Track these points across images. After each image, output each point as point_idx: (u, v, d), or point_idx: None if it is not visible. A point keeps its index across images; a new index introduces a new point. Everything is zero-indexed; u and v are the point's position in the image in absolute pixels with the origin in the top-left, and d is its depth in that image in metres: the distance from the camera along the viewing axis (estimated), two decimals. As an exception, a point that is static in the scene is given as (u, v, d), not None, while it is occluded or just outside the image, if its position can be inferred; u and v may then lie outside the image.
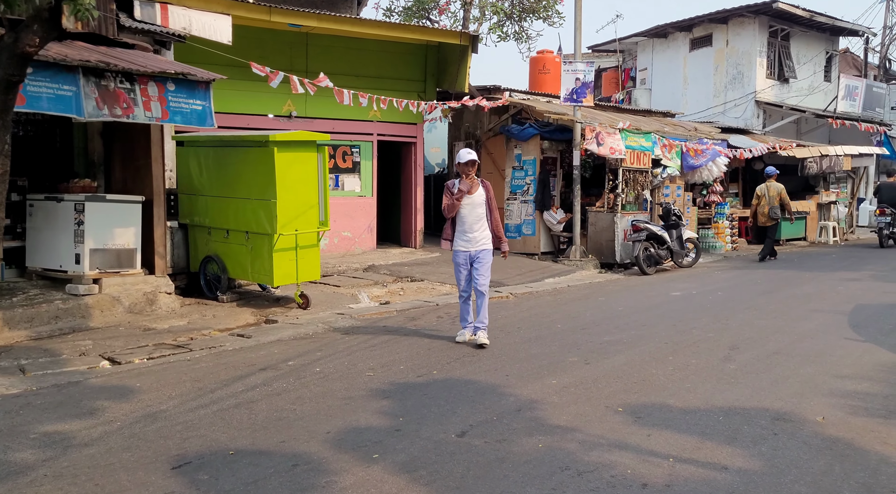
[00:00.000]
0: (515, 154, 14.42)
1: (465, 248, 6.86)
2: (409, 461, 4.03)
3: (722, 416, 4.80)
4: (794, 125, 22.54)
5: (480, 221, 6.87)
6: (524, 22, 20.33)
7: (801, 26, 22.07)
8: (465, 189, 6.76)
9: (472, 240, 6.84)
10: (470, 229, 6.83)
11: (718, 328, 7.73)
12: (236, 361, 6.30)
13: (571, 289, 10.84)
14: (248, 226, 8.52)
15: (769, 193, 15.08)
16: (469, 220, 6.84)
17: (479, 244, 6.85)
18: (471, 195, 6.78)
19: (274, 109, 12.26)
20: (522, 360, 6.33)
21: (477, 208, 6.84)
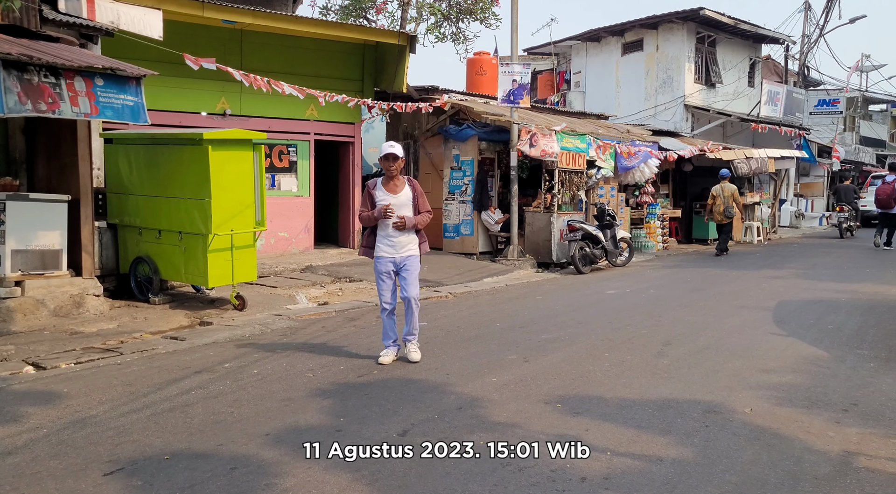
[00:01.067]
0: (453, 155, 14.49)
1: (388, 254, 6.10)
2: (351, 461, 4.00)
3: (656, 410, 4.94)
4: (720, 128, 23.37)
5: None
6: (461, 23, 20.46)
7: (726, 33, 22.92)
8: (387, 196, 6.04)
9: (397, 244, 6.07)
10: (394, 232, 6.06)
11: (651, 324, 7.95)
12: (170, 364, 6.13)
13: (510, 288, 10.96)
14: (182, 226, 8.31)
15: (724, 193, 16.09)
16: (391, 222, 6.08)
17: (404, 250, 6.08)
18: (395, 195, 6.04)
19: (207, 107, 11.99)
20: (463, 359, 6.36)
21: (402, 210, 6.05)
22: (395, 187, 6.07)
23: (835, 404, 5.09)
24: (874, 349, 6.80)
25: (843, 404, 5.09)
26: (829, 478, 3.80)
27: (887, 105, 42.60)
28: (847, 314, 8.57)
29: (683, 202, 19.84)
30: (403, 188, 6.10)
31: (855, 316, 8.39)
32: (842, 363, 6.24)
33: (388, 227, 6.04)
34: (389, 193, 6.04)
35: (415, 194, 6.12)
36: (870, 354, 6.58)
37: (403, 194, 6.09)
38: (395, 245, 6.08)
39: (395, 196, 6.03)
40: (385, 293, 6.18)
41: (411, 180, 6.19)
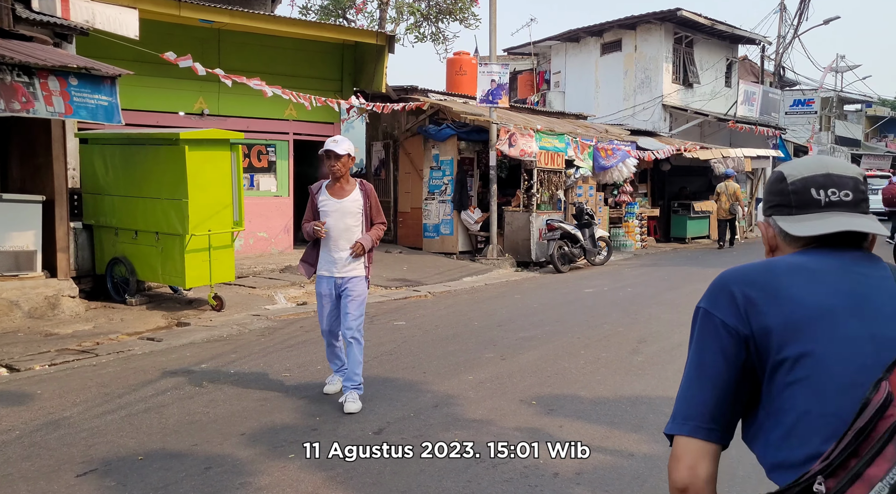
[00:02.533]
0: (433, 154, 14.52)
1: (328, 272, 5.04)
2: (326, 459, 4.02)
3: (629, 406, 5.01)
4: (698, 128, 23.59)
5: (352, 236, 5.01)
6: (441, 23, 20.50)
7: (703, 34, 23.14)
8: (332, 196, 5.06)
9: (339, 262, 4.99)
10: (336, 246, 4.99)
11: (628, 322, 8.04)
12: (146, 365, 6.11)
13: (489, 287, 11.02)
14: (159, 226, 8.27)
15: (727, 191, 17.20)
16: (335, 233, 4.99)
17: (347, 269, 5.00)
18: (340, 201, 5.00)
19: (185, 107, 11.92)
20: (440, 357, 6.40)
21: (347, 218, 4.99)
22: (342, 191, 5.04)
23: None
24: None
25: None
26: (796, 471, 3.88)
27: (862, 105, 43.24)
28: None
29: (662, 201, 20.03)
30: (352, 192, 5.05)
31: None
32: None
33: (331, 240, 5.01)
34: (334, 197, 5.01)
35: (366, 200, 5.08)
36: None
37: (351, 200, 5.03)
38: (337, 263, 5.01)
39: (339, 202, 5.01)
40: (324, 319, 5.16)
41: (364, 184, 5.15)
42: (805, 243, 1.44)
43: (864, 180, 1.43)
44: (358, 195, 5.07)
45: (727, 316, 1.38)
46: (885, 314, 1.31)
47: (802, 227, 1.41)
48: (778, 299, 1.35)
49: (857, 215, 1.40)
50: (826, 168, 1.43)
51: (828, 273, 1.37)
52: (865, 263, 1.40)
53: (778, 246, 1.50)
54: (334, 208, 5.00)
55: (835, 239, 1.41)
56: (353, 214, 5.03)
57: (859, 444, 1.17)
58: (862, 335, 1.29)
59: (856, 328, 1.30)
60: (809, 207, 1.42)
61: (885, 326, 1.30)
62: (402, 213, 15.74)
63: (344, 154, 4.92)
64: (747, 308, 1.36)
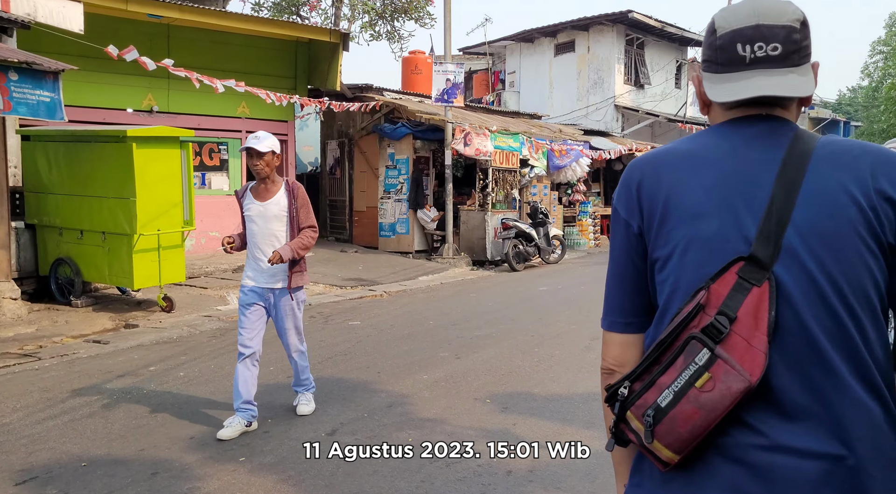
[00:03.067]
0: (388, 153, 14.48)
1: (253, 281, 4.57)
2: (278, 461, 3.97)
3: (582, 402, 5.07)
4: (649, 129, 24.01)
5: (277, 243, 4.56)
6: (396, 22, 20.43)
7: (654, 36, 23.55)
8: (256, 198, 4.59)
9: (265, 271, 4.54)
10: (262, 253, 4.54)
11: (581, 320, 8.13)
12: (91, 368, 5.94)
13: (444, 286, 11.03)
14: (105, 226, 8.05)
15: None
16: (259, 239, 4.55)
17: (273, 280, 4.54)
18: (264, 204, 4.55)
19: (133, 104, 11.64)
20: (394, 357, 6.38)
21: (271, 223, 4.54)
22: (267, 193, 4.57)
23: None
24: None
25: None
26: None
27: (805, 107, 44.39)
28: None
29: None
30: (276, 194, 4.57)
31: (772, 309, 8.79)
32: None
33: (256, 247, 4.56)
34: (258, 200, 4.56)
35: (292, 201, 4.58)
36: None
37: (274, 202, 4.56)
38: (264, 272, 4.54)
39: (263, 205, 4.54)
40: (243, 332, 4.53)
41: (292, 184, 4.64)
42: (731, 106, 1.33)
43: (800, 26, 1.26)
44: (283, 197, 4.56)
45: (623, 209, 1.37)
46: (752, 209, 1.22)
47: (718, 91, 1.29)
48: (658, 196, 1.30)
49: (781, 73, 1.25)
50: (757, 17, 1.26)
51: (713, 163, 1.28)
52: (767, 140, 1.28)
53: (710, 103, 1.37)
54: (257, 211, 4.54)
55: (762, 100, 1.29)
56: (277, 217, 4.54)
57: (661, 353, 1.22)
58: (719, 237, 1.23)
59: (716, 228, 1.23)
60: (734, 65, 1.28)
61: (742, 225, 1.22)
62: (357, 212, 15.65)
63: (267, 152, 4.43)
64: (639, 200, 1.33)
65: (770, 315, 1.16)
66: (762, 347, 1.15)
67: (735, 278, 1.19)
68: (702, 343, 1.17)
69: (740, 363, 1.15)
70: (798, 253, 1.19)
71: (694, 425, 1.15)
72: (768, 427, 1.16)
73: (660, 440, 1.18)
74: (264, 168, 4.48)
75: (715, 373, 1.15)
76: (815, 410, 1.16)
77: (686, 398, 1.16)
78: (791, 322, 1.18)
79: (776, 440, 1.16)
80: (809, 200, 1.20)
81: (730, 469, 1.18)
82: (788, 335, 1.17)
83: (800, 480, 1.14)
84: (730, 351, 1.16)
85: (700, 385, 1.15)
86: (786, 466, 1.14)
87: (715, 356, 1.15)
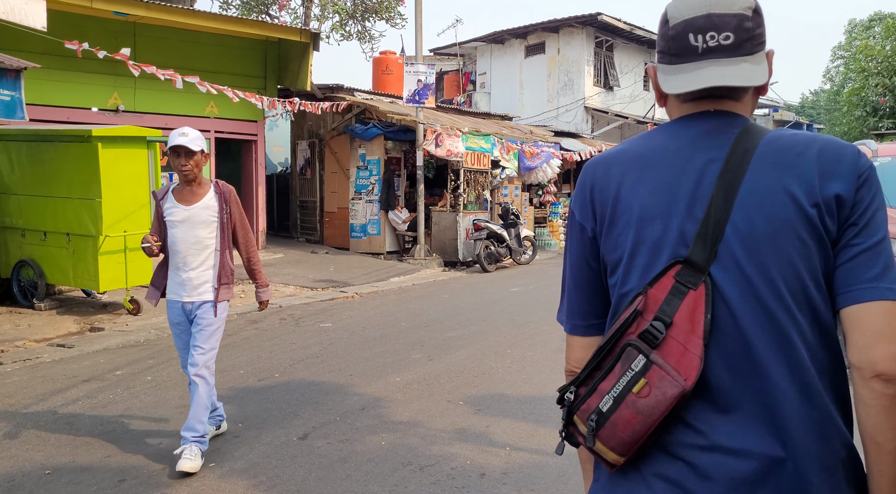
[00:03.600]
0: (360, 154, 14.41)
1: (177, 296, 4.03)
2: (249, 467, 3.91)
3: (554, 404, 5.06)
4: (618, 130, 24.24)
5: (204, 251, 4.01)
6: (367, 22, 20.34)
7: (622, 38, 23.79)
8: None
9: (188, 283, 3.99)
10: (184, 264, 3.98)
11: (552, 321, 8.16)
12: (55, 373, 5.80)
13: (416, 287, 11.00)
14: (70, 227, 7.88)
15: None
16: (182, 248, 3.98)
17: (198, 292, 4.01)
18: (188, 208, 3.98)
19: (98, 103, 11.43)
20: (367, 359, 6.34)
21: (197, 229, 3.99)
22: (193, 195, 4.01)
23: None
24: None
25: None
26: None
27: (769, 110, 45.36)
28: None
29: (585, 201, 20.46)
30: (204, 197, 4.02)
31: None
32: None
33: (178, 257, 4.00)
34: (182, 204, 3.98)
35: (223, 205, 4.05)
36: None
37: (202, 206, 4.00)
38: (186, 284, 4.01)
39: (188, 209, 3.97)
40: (183, 353, 4.15)
41: (221, 186, 4.10)
42: (685, 99, 1.31)
43: (752, 14, 1.24)
44: (212, 200, 4.01)
45: (577, 211, 1.37)
46: (693, 212, 1.21)
47: (670, 82, 1.28)
48: (608, 198, 1.30)
49: (733, 63, 1.22)
50: (708, 7, 1.23)
51: (660, 165, 1.27)
52: (713, 139, 1.26)
53: (665, 95, 1.36)
54: (182, 216, 3.97)
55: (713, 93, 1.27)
56: (204, 223, 3.99)
57: (602, 359, 1.24)
58: (662, 241, 1.23)
59: (660, 232, 1.23)
60: (686, 55, 1.25)
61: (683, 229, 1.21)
62: (328, 213, 15.56)
63: (198, 151, 3.91)
64: (592, 203, 1.33)
65: (706, 318, 1.16)
66: (697, 351, 1.16)
67: (672, 281, 1.20)
68: (637, 350, 1.18)
69: (675, 368, 1.16)
70: (735, 255, 1.18)
71: (633, 429, 1.17)
72: (708, 427, 1.17)
73: (604, 443, 1.20)
74: (193, 169, 3.93)
75: (651, 379, 1.16)
76: (751, 409, 1.16)
77: (625, 404, 1.17)
78: (728, 324, 1.17)
79: (714, 440, 1.16)
80: (747, 200, 1.19)
81: (674, 466, 1.19)
82: (725, 337, 1.17)
83: (737, 480, 1.15)
84: (665, 356, 1.17)
85: (637, 391, 1.17)
86: (723, 465, 1.15)
87: (650, 362, 1.17)
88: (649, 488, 1.21)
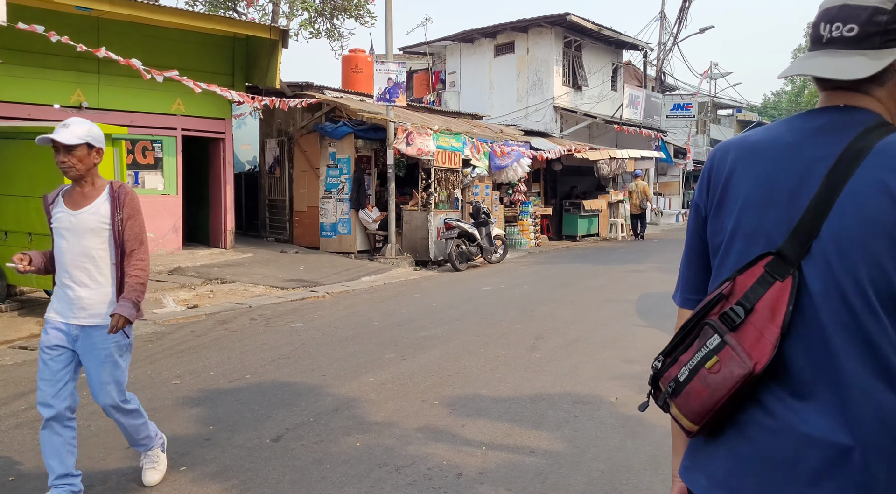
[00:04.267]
0: (330, 152, 14.29)
1: (60, 316, 3.36)
2: (221, 470, 3.84)
3: (529, 403, 5.08)
4: (587, 130, 24.43)
5: (93, 265, 3.36)
6: (336, 20, 20.18)
7: (591, 38, 23.98)
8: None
9: (76, 303, 3.33)
10: (71, 279, 3.35)
11: (525, 319, 8.18)
12: (17, 376, 5.64)
13: (388, 287, 10.94)
14: (32, 227, 7.67)
15: (637, 189, 19.90)
16: (68, 260, 3.35)
17: (89, 314, 3.34)
18: (76, 213, 3.34)
19: (60, 99, 11.15)
20: (340, 359, 6.28)
21: (85, 238, 3.33)
22: (83, 199, 3.36)
23: (691, 389, 5.42)
24: (725, 336, 7.33)
25: (699, 389, 5.43)
26: (687, 460, 4.04)
27: (733, 110, 46.14)
28: (701, 304, 9.19)
29: (554, 200, 20.59)
30: (95, 200, 3.36)
31: (708, 306, 9.01)
32: (697, 351, 6.67)
33: (64, 270, 3.36)
34: (70, 209, 3.35)
35: (116, 210, 3.36)
36: (721, 341, 7.09)
37: (91, 212, 3.35)
38: (72, 303, 3.34)
39: (75, 214, 3.33)
40: (43, 385, 3.32)
41: (117, 188, 3.41)
42: (821, 88, 1.34)
43: (893, 8, 1.22)
44: (103, 204, 3.35)
45: (697, 190, 1.47)
46: (794, 207, 1.26)
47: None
48: (720, 183, 1.38)
49: (844, 55, 1.25)
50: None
51: (771, 157, 1.31)
52: (829, 136, 1.28)
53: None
54: (67, 223, 3.32)
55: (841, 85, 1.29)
56: (94, 231, 3.33)
57: (685, 334, 1.36)
58: (759, 230, 1.30)
59: (758, 221, 1.30)
60: (814, 44, 1.30)
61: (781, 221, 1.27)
62: (298, 212, 15.41)
63: (78, 144, 3.25)
64: (708, 185, 1.42)
65: (787, 309, 1.22)
66: (772, 339, 1.22)
67: (761, 271, 1.27)
68: (713, 330, 1.28)
69: (747, 352, 1.23)
70: (826, 252, 1.22)
71: (703, 401, 1.27)
72: (782, 411, 1.24)
73: (679, 409, 1.33)
74: (76, 165, 3.27)
75: (722, 357, 1.25)
76: (826, 400, 1.20)
77: (698, 377, 1.28)
78: (809, 317, 1.22)
79: (786, 423, 1.23)
80: (848, 200, 1.21)
81: (745, 444, 1.28)
82: (805, 329, 1.22)
83: (802, 467, 1.20)
84: (740, 340, 1.25)
85: (709, 367, 1.27)
86: (791, 449, 1.22)
87: (724, 343, 1.26)
88: (722, 462, 1.30)
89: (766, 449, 1.24)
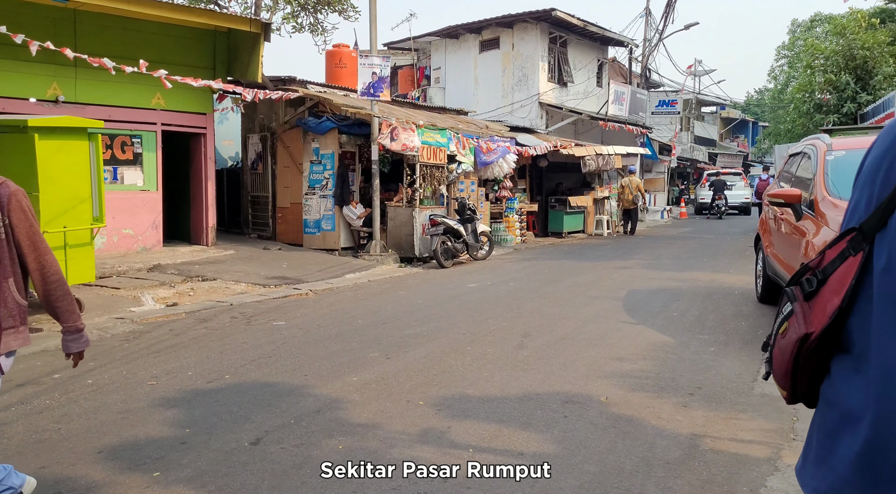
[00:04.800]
0: (313, 148, 14.10)
1: None
2: (196, 475, 3.68)
3: (517, 402, 4.95)
4: (572, 126, 24.37)
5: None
6: (319, 14, 19.96)
7: (576, 35, 23.91)
8: None
9: None
10: None
11: (512, 316, 8.06)
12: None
13: (372, 284, 10.79)
14: (4, 223, 7.45)
15: (630, 185, 20.10)
16: None
17: None
18: None
19: (36, 93, 10.89)
20: (322, 358, 6.12)
21: None
22: None
23: (682, 388, 5.33)
24: (713, 333, 7.24)
25: (689, 388, 5.34)
26: (680, 462, 3.94)
27: (717, 107, 46.31)
28: (689, 301, 9.11)
29: (540, 197, 20.50)
30: None
31: (696, 303, 8.94)
32: (686, 349, 6.58)
33: None
34: None
35: (3, 218, 2.85)
36: (710, 339, 7.00)
37: None
38: None
39: None
40: None
41: (4, 187, 2.91)
42: None
43: None
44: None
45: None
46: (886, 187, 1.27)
47: None
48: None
49: None
50: None
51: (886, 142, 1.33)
52: None
53: None
54: None
55: None
56: None
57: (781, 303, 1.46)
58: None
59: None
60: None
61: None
62: (281, 208, 15.21)
63: None
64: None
65: (850, 283, 1.26)
66: (831, 309, 1.28)
67: (844, 245, 1.32)
68: (788, 297, 1.40)
69: (808, 318, 1.32)
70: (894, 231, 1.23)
71: (779, 364, 1.39)
72: (841, 382, 1.28)
73: (773, 374, 1.43)
74: None
75: (790, 323, 1.36)
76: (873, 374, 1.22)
77: (777, 340, 1.40)
78: (868, 293, 1.24)
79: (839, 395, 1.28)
80: None
81: (816, 414, 1.36)
82: (864, 305, 1.25)
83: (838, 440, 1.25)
84: (807, 308, 1.34)
85: (781, 332, 1.39)
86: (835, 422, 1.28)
87: (792, 310, 1.37)
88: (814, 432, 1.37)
89: (823, 422, 1.31)
